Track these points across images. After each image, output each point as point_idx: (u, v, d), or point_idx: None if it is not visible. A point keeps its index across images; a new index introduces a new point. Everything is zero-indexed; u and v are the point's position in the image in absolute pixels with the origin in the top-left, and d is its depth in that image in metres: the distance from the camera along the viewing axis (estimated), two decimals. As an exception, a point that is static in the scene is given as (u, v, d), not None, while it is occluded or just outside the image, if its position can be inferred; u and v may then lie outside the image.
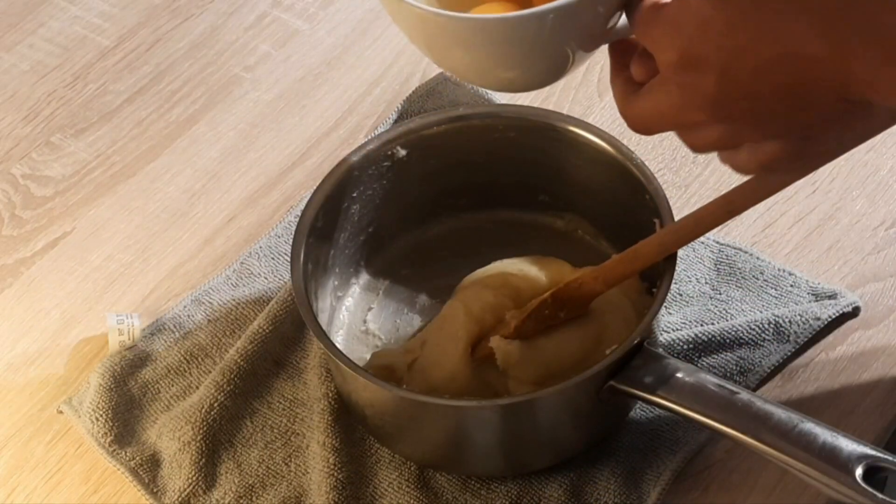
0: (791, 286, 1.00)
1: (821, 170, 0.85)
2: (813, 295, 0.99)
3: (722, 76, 0.73)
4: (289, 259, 0.94)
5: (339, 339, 0.99)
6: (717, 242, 1.02)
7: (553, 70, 0.83)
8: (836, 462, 0.81)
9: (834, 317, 0.98)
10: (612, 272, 0.91)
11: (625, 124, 0.80)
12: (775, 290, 1.00)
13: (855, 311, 0.99)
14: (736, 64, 0.72)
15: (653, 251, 0.89)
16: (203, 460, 0.94)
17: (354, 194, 0.98)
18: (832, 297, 0.99)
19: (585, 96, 1.13)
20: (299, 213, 0.95)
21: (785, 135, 0.75)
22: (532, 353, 0.91)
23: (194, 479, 0.94)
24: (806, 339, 0.97)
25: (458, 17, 0.79)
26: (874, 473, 0.81)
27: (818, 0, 0.69)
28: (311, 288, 0.94)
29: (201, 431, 0.95)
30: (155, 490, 0.94)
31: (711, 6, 0.72)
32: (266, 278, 1.04)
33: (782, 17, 0.70)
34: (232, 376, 0.97)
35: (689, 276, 1.01)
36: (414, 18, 0.81)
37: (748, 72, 0.72)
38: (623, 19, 0.81)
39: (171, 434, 0.95)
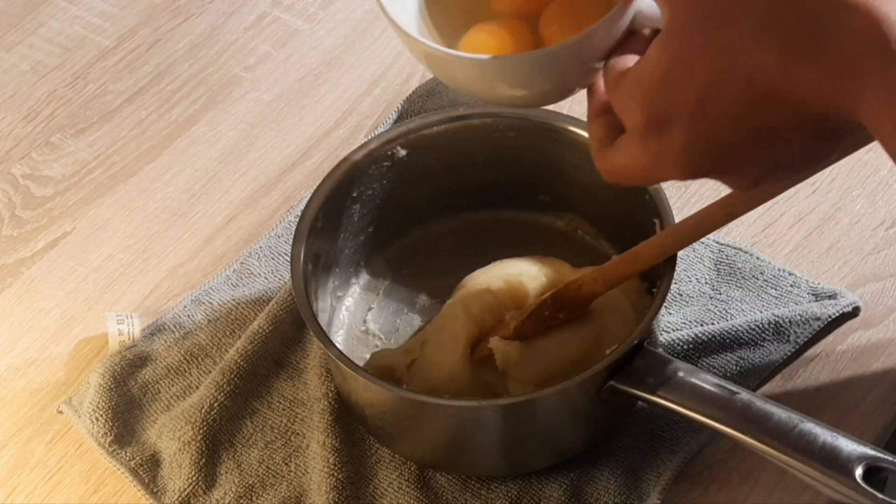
0: (791, 286, 1.00)
1: (821, 170, 0.85)
2: (813, 295, 0.99)
3: (689, 131, 0.72)
4: (289, 259, 0.94)
5: (338, 340, 0.99)
6: (717, 242, 1.02)
7: (558, 95, 0.84)
8: (836, 462, 0.81)
9: (834, 317, 0.98)
10: (612, 273, 0.91)
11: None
12: (775, 290, 1.00)
13: (855, 311, 0.99)
14: (702, 113, 0.71)
15: (653, 253, 0.89)
16: (203, 460, 0.94)
17: (354, 194, 0.98)
18: (832, 297, 0.99)
19: (585, 96, 1.13)
20: (299, 214, 0.95)
21: (762, 180, 0.75)
22: (531, 354, 0.91)
23: (194, 479, 0.94)
24: (806, 339, 0.97)
25: (468, 58, 0.80)
26: (874, 473, 0.81)
27: (775, 23, 0.69)
28: (311, 288, 0.94)
29: (201, 431, 0.95)
30: (155, 490, 0.94)
31: (669, 55, 0.72)
32: (266, 278, 1.04)
33: (740, 45, 0.70)
34: (232, 376, 0.97)
35: (689, 276, 1.01)
36: (427, 58, 0.82)
37: (715, 118, 0.71)
38: None
39: (171, 434, 0.95)
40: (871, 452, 0.81)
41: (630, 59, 0.77)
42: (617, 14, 0.78)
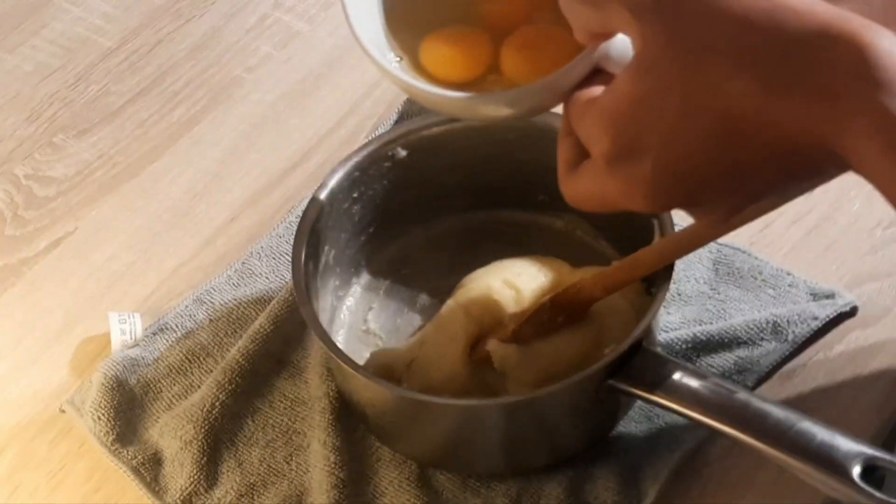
0: (789, 286, 1.00)
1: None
2: (811, 295, 1.00)
3: (659, 162, 0.71)
4: (290, 259, 0.94)
5: (339, 339, 0.99)
6: (716, 242, 1.03)
7: (535, 113, 0.85)
8: (833, 461, 0.81)
9: (832, 316, 0.98)
10: (612, 279, 0.91)
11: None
12: (773, 289, 1.00)
13: (852, 311, 0.99)
14: (673, 145, 0.70)
15: (653, 260, 0.89)
16: (205, 459, 0.95)
17: (355, 194, 0.99)
18: (830, 296, 0.99)
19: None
20: (300, 214, 0.96)
21: (733, 214, 0.75)
22: (530, 356, 0.91)
23: (196, 477, 0.94)
24: (804, 339, 0.97)
25: (442, 96, 0.82)
26: (871, 472, 0.81)
27: (755, 54, 0.68)
28: (312, 287, 0.94)
29: (203, 430, 0.95)
30: (157, 489, 0.94)
31: (640, 87, 0.70)
32: (267, 278, 1.04)
33: (716, 77, 0.68)
34: (233, 375, 0.97)
35: (687, 276, 1.02)
36: (406, 89, 0.84)
37: (687, 150, 0.70)
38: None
39: (172, 433, 0.96)
40: (869, 451, 0.81)
41: (596, 90, 0.76)
42: (588, 54, 0.78)
